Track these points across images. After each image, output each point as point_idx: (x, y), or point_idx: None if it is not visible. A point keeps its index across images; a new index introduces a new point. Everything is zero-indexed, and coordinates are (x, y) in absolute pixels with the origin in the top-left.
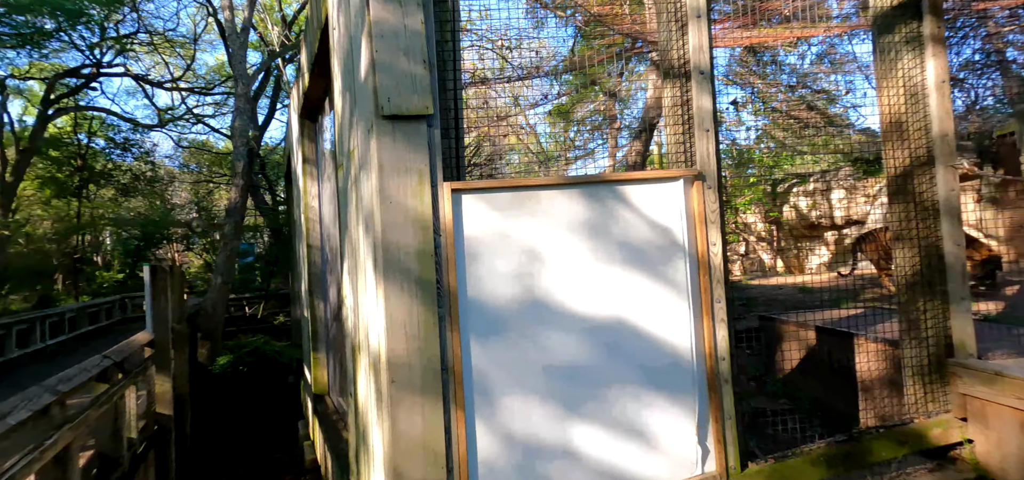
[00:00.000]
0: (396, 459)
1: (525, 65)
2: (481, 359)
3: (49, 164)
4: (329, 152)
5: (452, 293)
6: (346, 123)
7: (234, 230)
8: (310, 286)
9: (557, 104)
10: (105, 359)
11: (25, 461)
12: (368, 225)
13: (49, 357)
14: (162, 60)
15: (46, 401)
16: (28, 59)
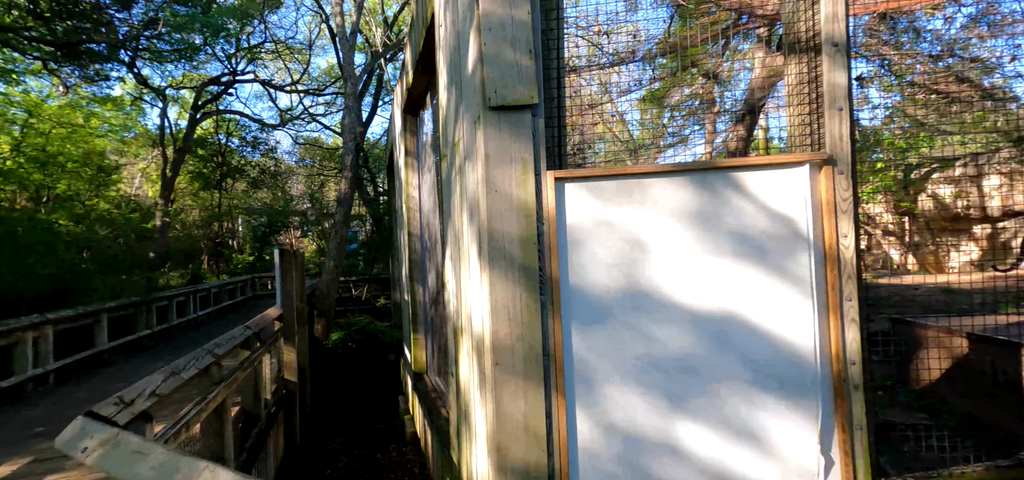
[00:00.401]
0: (499, 438)
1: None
2: (582, 347)
3: (197, 161)
4: (429, 145)
5: (554, 280)
6: (451, 116)
7: (343, 218)
8: (410, 272)
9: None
10: (247, 329)
11: (195, 410)
12: (473, 213)
13: (199, 326)
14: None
15: (207, 361)
16: (182, 71)
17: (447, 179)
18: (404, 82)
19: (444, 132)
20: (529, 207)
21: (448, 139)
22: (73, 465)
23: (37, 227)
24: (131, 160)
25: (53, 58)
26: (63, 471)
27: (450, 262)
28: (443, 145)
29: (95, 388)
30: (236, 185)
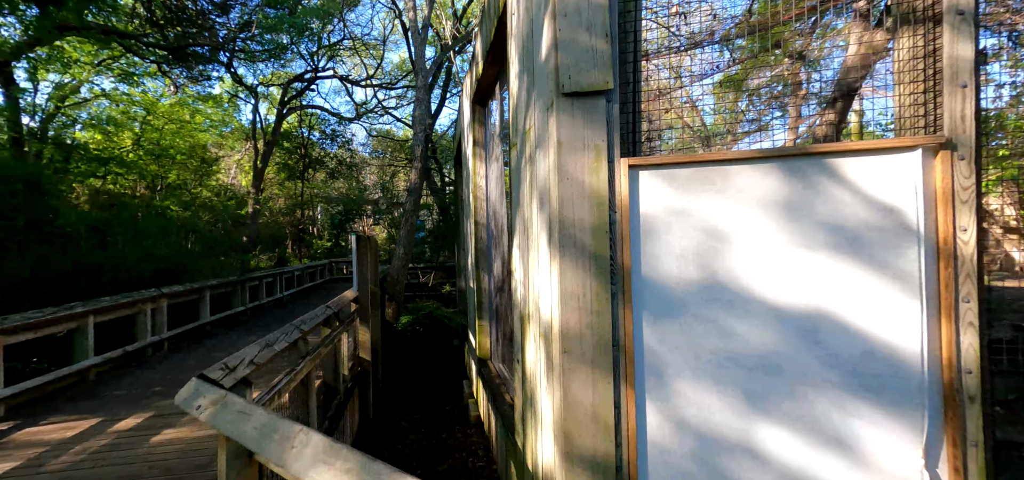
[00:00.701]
0: (567, 426)
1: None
2: (654, 339)
3: (283, 153)
4: (497, 134)
5: (626, 270)
6: (522, 104)
7: (413, 207)
8: (476, 260)
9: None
10: (328, 309)
11: (286, 380)
12: (543, 201)
13: (284, 305)
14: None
15: (295, 336)
16: (271, 70)
17: (516, 167)
18: (473, 73)
19: (514, 120)
20: (601, 195)
21: (518, 127)
22: (186, 421)
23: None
24: (227, 152)
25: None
26: (176, 427)
27: (518, 250)
28: (513, 134)
29: (201, 355)
30: (316, 175)
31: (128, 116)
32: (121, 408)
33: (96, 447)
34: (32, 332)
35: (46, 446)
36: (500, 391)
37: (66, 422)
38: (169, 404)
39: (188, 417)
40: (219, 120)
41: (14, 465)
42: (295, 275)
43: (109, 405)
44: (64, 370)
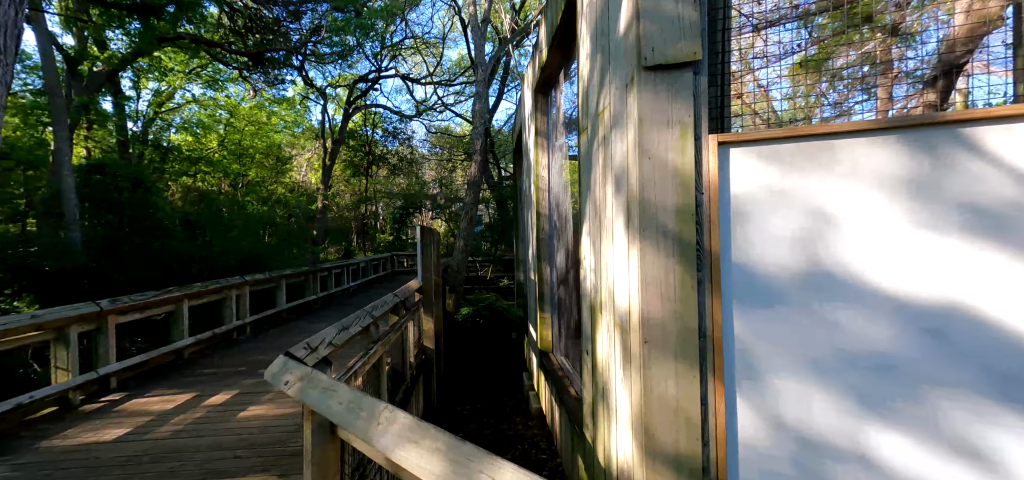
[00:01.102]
0: (647, 420)
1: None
2: (746, 331)
3: (348, 151)
4: (561, 123)
5: (714, 256)
6: (594, 85)
7: (473, 200)
8: (538, 251)
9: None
10: (395, 297)
11: (361, 362)
12: (620, 184)
13: (351, 295)
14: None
15: (367, 322)
16: (338, 71)
17: (587, 152)
18: (536, 61)
19: (584, 104)
20: (687, 175)
21: (590, 110)
22: (266, 399)
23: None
24: (298, 151)
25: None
26: (258, 404)
27: (588, 238)
28: (582, 118)
29: (280, 338)
30: (379, 172)
31: (214, 119)
32: (211, 385)
33: (192, 419)
34: (138, 313)
35: (151, 415)
36: (564, 384)
37: (166, 395)
38: (251, 383)
39: (268, 396)
40: (292, 121)
41: (126, 431)
42: (360, 267)
43: (201, 382)
44: (164, 348)
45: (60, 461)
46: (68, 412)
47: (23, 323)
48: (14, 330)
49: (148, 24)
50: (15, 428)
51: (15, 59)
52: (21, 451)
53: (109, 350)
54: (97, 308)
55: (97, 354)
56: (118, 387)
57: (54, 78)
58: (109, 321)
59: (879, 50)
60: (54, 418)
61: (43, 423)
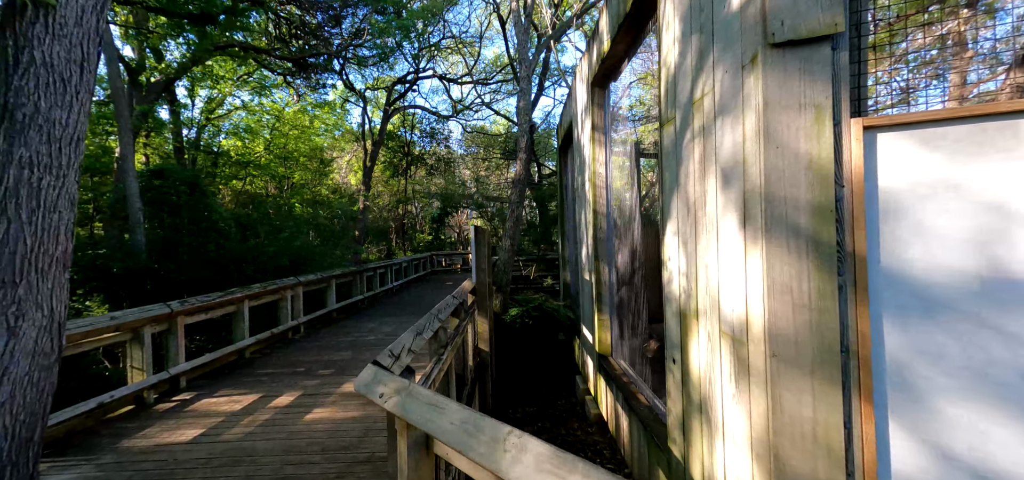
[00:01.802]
0: (776, 444)
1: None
2: (899, 343)
3: (387, 152)
4: (626, 115)
5: (858, 258)
6: (685, 71)
7: (519, 198)
8: (595, 250)
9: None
10: (454, 299)
11: (436, 369)
12: (730, 177)
13: (394, 294)
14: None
15: (436, 326)
16: (377, 74)
17: (675, 145)
18: (593, 53)
19: (670, 93)
20: (823, 165)
21: (678, 99)
22: (330, 402)
23: (282, 209)
24: (338, 154)
25: (290, 73)
26: (322, 406)
27: (675, 238)
28: (668, 108)
29: (333, 338)
30: (417, 172)
31: (260, 124)
32: (274, 385)
33: (260, 421)
34: (204, 313)
35: (221, 416)
36: (631, 391)
37: (233, 395)
38: (313, 384)
39: (330, 399)
40: (332, 125)
41: (199, 432)
42: (402, 267)
43: (264, 382)
44: (228, 348)
45: (139, 462)
46: (143, 411)
47: (105, 324)
48: (97, 331)
49: (204, 32)
50: (96, 426)
51: (96, 65)
52: (103, 450)
53: (178, 350)
54: (168, 309)
55: (168, 354)
56: (187, 386)
57: (119, 88)
58: (178, 322)
59: (951, 31)
60: (131, 416)
61: (121, 421)
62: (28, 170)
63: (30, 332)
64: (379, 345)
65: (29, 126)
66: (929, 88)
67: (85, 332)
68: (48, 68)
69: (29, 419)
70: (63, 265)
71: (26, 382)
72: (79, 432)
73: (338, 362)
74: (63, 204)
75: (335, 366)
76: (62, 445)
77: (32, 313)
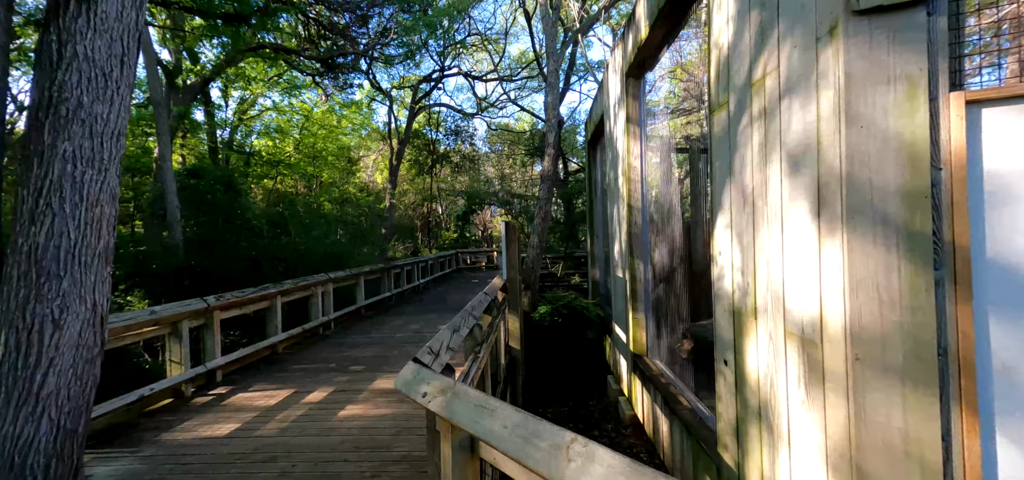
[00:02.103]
0: (859, 459)
1: None
2: (1010, 346)
3: (413, 150)
4: (663, 106)
5: (959, 249)
6: (742, 51)
7: (547, 194)
8: (629, 247)
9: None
10: (486, 296)
11: (475, 367)
12: (800, 162)
13: (420, 292)
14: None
15: (471, 323)
16: (403, 73)
17: (728, 131)
18: (628, 42)
19: (721, 76)
20: (917, 146)
21: (732, 82)
22: (362, 398)
23: (312, 208)
24: (364, 153)
25: (318, 73)
26: (355, 403)
27: (728, 230)
28: (720, 93)
29: (362, 335)
30: (442, 170)
31: (290, 125)
32: (306, 381)
33: (294, 416)
34: (238, 309)
35: (256, 411)
36: (671, 393)
37: (268, 390)
38: (345, 380)
39: (362, 395)
40: (359, 124)
41: (236, 426)
42: (429, 264)
43: (296, 377)
44: (261, 343)
45: (179, 455)
46: (182, 403)
47: (144, 318)
48: (137, 325)
49: (237, 33)
50: (138, 418)
51: (136, 60)
52: (144, 443)
53: (215, 344)
54: (204, 304)
55: (204, 348)
56: (223, 380)
57: (158, 90)
58: (214, 316)
59: None
60: (170, 409)
61: (161, 414)
62: (71, 164)
63: (74, 325)
64: (408, 342)
65: (72, 120)
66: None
67: (126, 326)
68: (90, 62)
69: (74, 411)
70: (105, 259)
71: (71, 375)
72: (121, 424)
73: (368, 359)
74: (105, 198)
75: (365, 362)
76: (105, 437)
77: (76, 306)
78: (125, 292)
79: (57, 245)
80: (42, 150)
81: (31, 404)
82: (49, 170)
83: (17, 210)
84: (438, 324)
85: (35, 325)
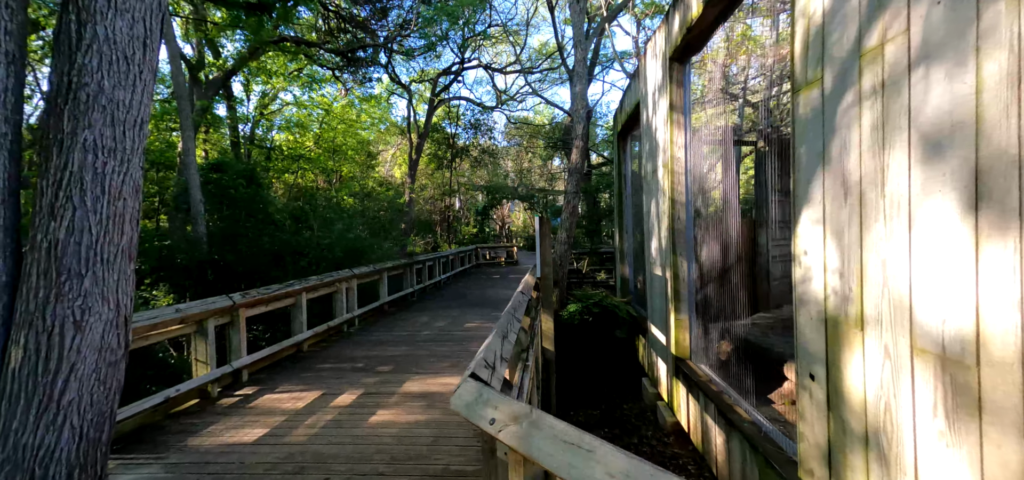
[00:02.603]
0: None
1: None
2: None
3: (432, 144)
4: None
5: None
6: (846, 17)
7: (576, 188)
8: (673, 244)
9: None
10: (523, 296)
11: (525, 379)
12: (941, 144)
13: (441, 287)
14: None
15: (517, 326)
16: (424, 65)
17: (819, 112)
18: (675, 23)
19: (812, 50)
20: None
21: (828, 54)
22: (392, 403)
23: (332, 202)
24: (383, 148)
25: (338, 67)
26: (385, 408)
27: (818, 226)
28: (806, 69)
29: (387, 333)
30: (462, 164)
31: (310, 119)
32: (334, 382)
33: (324, 421)
34: (264, 306)
35: (284, 415)
36: (725, 401)
37: (295, 392)
38: (373, 382)
39: (392, 399)
40: (377, 118)
41: (264, 432)
42: (449, 259)
43: (323, 378)
44: (287, 342)
45: (206, 462)
46: (208, 405)
47: (170, 317)
48: (162, 323)
49: (260, 23)
50: (163, 420)
51: (159, 44)
52: (170, 448)
53: (240, 343)
54: (230, 302)
55: (230, 346)
56: (249, 380)
57: (181, 85)
58: (240, 314)
59: None
60: (196, 411)
61: (187, 416)
62: (92, 154)
63: (97, 327)
64: (435, 340)
65: (93, 107)
66: None
67: (152, 325)
68: (111, 45)
69: (97, 418)
70: (129, 256)
71: (94, 380)
72: (147, 426)
73: (396, 358)
74: (128, 191)
75: (393, 363)
76: (129, 441)
77: (98, 307)
78: (151, 286)
79: (78, 241)
80: (62, 138)
81: (52, 412)
82: (69, 160)
83: (36, 203)
84: (463, 321)
85: (55, 327)
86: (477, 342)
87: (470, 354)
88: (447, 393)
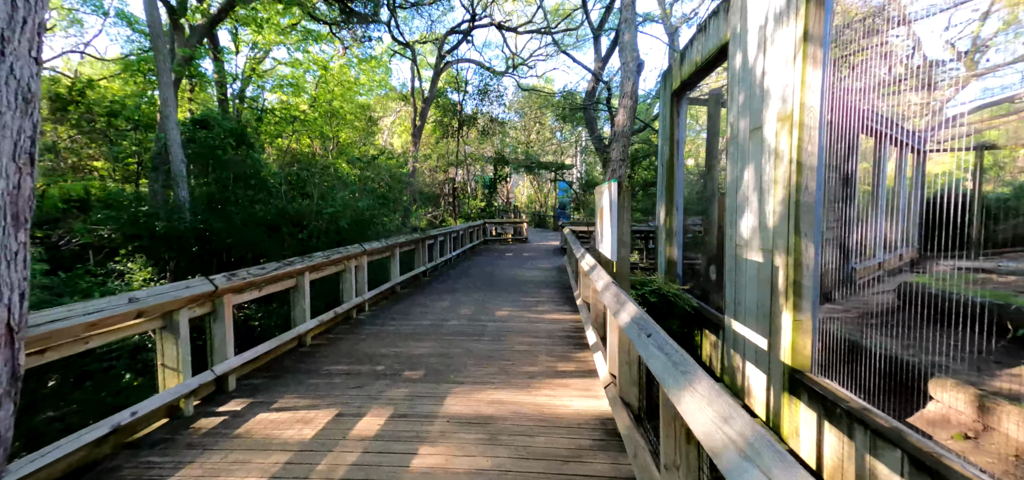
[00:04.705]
0: None
1: None
2: None
3: (437, 111)
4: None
5: None
6: None
7: (621, 155)
8: (795, 221)
9: None
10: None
11: None
12: None
13: (453, 265)
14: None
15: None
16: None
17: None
18: None
19: None
20: None
21: None
22: (439, 432)
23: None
24: (382, 115)
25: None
26: (429, 442)
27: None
28: None
29: (403, 320)
30: (469, 133)
31: (304, 81)
32: (349, 393)
33: (345, 464)
34: (257, 291)
35: (287, 450)
36: (908, 442)
37: (299, 410)
38: (401, 395)
39: (435, 426)
40: (377, 83)
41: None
42: (460, 235)
43: (335, 387)
44: (285, 336)
45: None
46: (180, 429)
47: (119, 309)
48: (106, 320)
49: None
50: (114, 456)
51: None
52: None
53: (226, 340)
54: (211, 287)
55: (211, 344)
56: (237, 389)
57: (158, 29)
58: (225, 302)
59: None
60: (162, 440)
61: (147, 450)
62: None
63: None
64: (466, 334)
65: None
66: None
67: (88, 323)
68: None
69: None
70: (12, 217)
71: None
72: (87, 467)
73: (424, 359)
74: (5, 103)
75: (423, 365)
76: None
77: None
78: (126, 258)
79: None
80: None
81: None
82: None
83: None
84: (490, 307)
85: None
86: (518, 337)
87: (516, 354)
88: (509, 417)
